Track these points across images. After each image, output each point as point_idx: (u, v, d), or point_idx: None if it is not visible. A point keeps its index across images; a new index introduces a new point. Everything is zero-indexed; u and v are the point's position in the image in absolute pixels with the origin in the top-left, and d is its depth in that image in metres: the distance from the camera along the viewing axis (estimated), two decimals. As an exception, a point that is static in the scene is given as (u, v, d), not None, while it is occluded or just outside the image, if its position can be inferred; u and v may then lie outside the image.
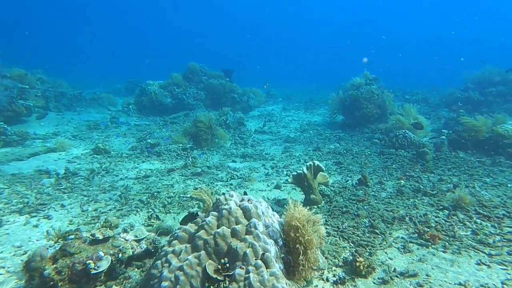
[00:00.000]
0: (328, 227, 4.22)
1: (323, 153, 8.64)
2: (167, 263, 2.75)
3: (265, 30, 77.59)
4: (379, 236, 3.95)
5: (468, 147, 8.37)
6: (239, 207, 2.95)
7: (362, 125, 11.48)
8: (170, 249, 2.89)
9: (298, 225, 2.76)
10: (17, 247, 3.94)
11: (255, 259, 2.56)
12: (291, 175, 5.25)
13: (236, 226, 2.79)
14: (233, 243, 2.68)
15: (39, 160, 7.65)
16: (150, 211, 5.11)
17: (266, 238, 2.73)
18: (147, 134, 10.32)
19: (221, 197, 3.11)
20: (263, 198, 5.52)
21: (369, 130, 11.08)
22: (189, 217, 3.16)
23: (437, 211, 4.74)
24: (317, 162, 5.11)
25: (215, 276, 2.51)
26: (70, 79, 16.94)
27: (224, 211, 2.89)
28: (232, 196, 3.08)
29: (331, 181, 5.33)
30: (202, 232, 2.83)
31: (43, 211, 4.95)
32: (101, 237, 3.43)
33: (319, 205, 5.07)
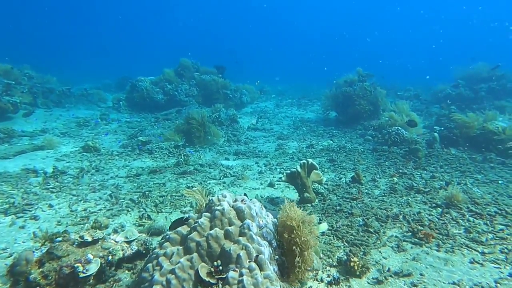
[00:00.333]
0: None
1: (316, 150, 8.62)
2: (158, 266, 2.68)
3: (258, 26, 77.37)
4: (373, 235, 3.93)
5: (459, 143, 8.45)
6: (233, 207, 2.88)
7: (355, 122, 11.51)
8: (161, 251, 2.81)
9: (293, 225, 2.71)
10: (2, 249, 3.81)
11: (249, 262, 2.50)
12: (285, 173, 5.20)
13: (229, 227, 2.73)
14: (226, 245, 2.62)
15: (26, 158, 7.45)
16: (141, 210, 5.00)
17: (260, 239, 2.67)
18: (138, 131, 10.16)
19: (214, 197, 3.03)
20: (257, 196, 5.47)
21: (362, 126, 11.11)
22: (178, 222, 3.07)
23: (430, 208, 4.75)
24: (310, 160, 5.07)
25: (208, 279, 2.44)
26: (58, 75, 16.55)
27: (217, 212, 2.82)
28: (225, 196, 3.01)
29: (324, 179, 5.31)
30: (194, 234, 2.76)
31: (30, 212, 4.80)
32: (90, 239, 3.33)
33: (313, 204, 5.04)
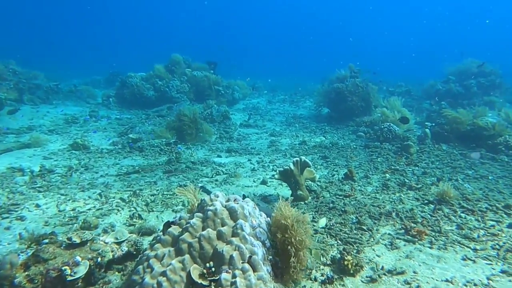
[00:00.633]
0: (315, 224, 4.16)
1: (309, 147, 8.60)
2: (149, 268, 2.61)
3: (249, 21, 76.82)
4: (366, 232, 3.92)
5: (450, 139, 8.53)
6: (225, 207, 2.82)
7: (347, 118, 11.53)
8: (152, 253, 2.74)
9: (288, 224, 2.67)
10: (-13, 252, 3.68)
11: (242, 263, 2.45)
12: (278, 171, 5.16)
13: (222, 228, 2.67)
14: (219, 246, 2.57)
15: (12, 156, 7.24)
16: (132, 210, 4.90)
17: (253, 240, 2.62)
18: (128, 128, 9.97)
19: (206, 197, 2.97)
20: (250, 194, 5.42)
21: (354, 123, 11.14)
22: (165, 227, 3.00)
23: (423, 205, 4.78)
24: (303, 157, 5.03)
25: (200, 281, 2.39)
26: (46, 70, 16.12)
27: (209, 212, 2.76)
28: (217, 196, 2.95)
29: (317, 176, 5.28)
30: (186, 234, 2.69)
31: (16, 212, 4.66)
32: (78, 240, 3.24)
33: (306, 201, 5.02)
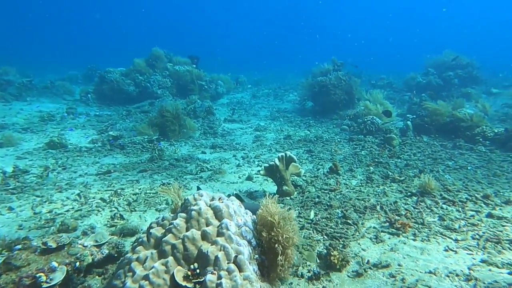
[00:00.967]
0: (301, 220, 4.14)
1: (294, 141, 8.60)
2: (130, 272, 2.50)
3: (232, 14, 75.93)
4: (352, 226, 3.94)
5: (431, 131, 8.72)
6: (210, 207, 2.74)
7: (331, 111, 11.59)
8: (134, 256, 2.63)
9: (274, 221, 2.62)
10: (-45, 260, 3.44)
11: (228, 263, 2.39)
12: (263, 167, 5.11)
13: (206, 228, 2.59)
14: (204, 246, 2.49)
15: (-17, 157, 6.86)
16: (113, 210, 4.73)
17: (238, 239, 2.56)
18: (109, 125, 9.66)
19: (190, 197, 2.88)
20: (235, 190, 5.34)
21: (338, 116, 11.21)
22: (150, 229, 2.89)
23: (406, 197, 4.85)
24: (289, 153, 5.00)
25: (184, 283, 2.31)
26: (17, 65, 15.35)
27: (193, 212, 2.67)
28: (201, 195, 2.86)
29: (303, 171, 5.27)
30: (169, 236, 2.60)
31: (-12, 216, 4.41)
32: (54, 245, 3.07)
33: (292, 196, 5.00)
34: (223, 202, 2.79)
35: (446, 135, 8.44)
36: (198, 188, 5.39)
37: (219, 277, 2.29)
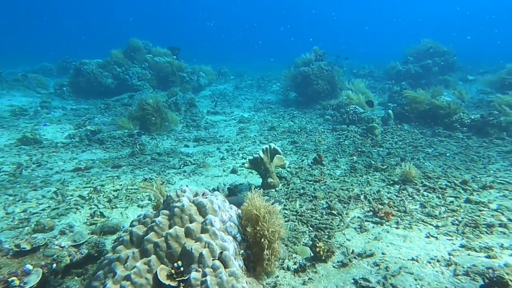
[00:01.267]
0: (287, 212, 4.13)
1: (278, 133, 8.56)
2: (111, 273, 2.40)
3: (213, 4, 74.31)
4: (337, 217, 3.96)
5: (411, 119, 8.88)
6: (193, 203, 2.66)
7: (314, 102, 11.60)
8: (114, 256, 2.52)
9: (259, 215, 2.57)
10: None
11: (212, 260, 2.33)
12: (247, 160, 5.05)
13: (190, 224, 2.51)
14: (188, 243, 2.41)
15: (-51, 156, 6.45)
16: (93, 207, 4.57)
17: (223, 235, 2.50)
18: (86, 119, 9.28)
19: (172, 193, 2.78)
20: (220, 184, 5.27)
21: (321, 106, 11.23)
22: None
23: (389, 186, 4.93)
24: (273, 145, 4.95)
25: (167, 282, 2.24)
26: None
27: (176, 209, 2.58)
28: (184, 191, 2.76)
29: (287, 163, 5.24)
30: (151, 234, 2.51)
31: (-44, 219, 4.15)
32: (28, 247, 2.92)
33: (277, 189, 4.98)
34: (206, 197, 2.72)
35: (425, 122, 8.62)
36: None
37: (204, 275, 2.23)
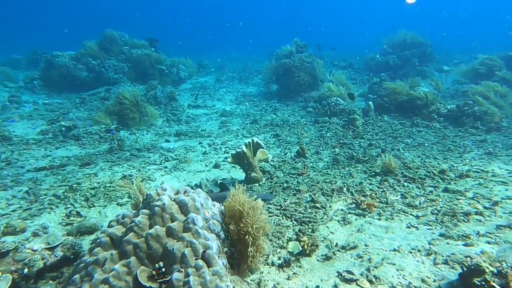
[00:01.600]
0: (271, 206, 4.10)
1: (260, 126, 8.50)
2: (87, 277, 2.29)
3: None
4: (320, 210, 3.98)
5: (391, 110, 9.04)
6: (174, 201, 2.56)
7: (296, 94, 11.59)
8: (91, 258, 2.40)
9: (242, 211, 2.52)
10: None
11: (195, 259, 2.26)
12: (230, 154, 4.97)
13: (171, 223, 2.42)
14: (169, 243, 2.33)
15: None
16: (68, 207, 4.37)
17: (206, 233, 2.42)
18: (60, 114, 8.85)
19: (152, 191, 2.67)
20: (202, 179, 5.16)
21: (302, 98, 11.24)
22: None
23: (371, 178, 4.99)
24: (256, 139, 4.89)
25: (149, 284, 2.15)
26: None
27: (156, 208, 2.48)
28: (165, 189, 2.66)
29: (270, 157, 5.20)
30: (131, 235, 2.40)
31: None
32: (-4, 253, 2.75)
33: (260, 183, 4.94)
34: (188, 195, 2.63)
35: (404, 113, 8.79)
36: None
37: (187, 275, 2.16)
